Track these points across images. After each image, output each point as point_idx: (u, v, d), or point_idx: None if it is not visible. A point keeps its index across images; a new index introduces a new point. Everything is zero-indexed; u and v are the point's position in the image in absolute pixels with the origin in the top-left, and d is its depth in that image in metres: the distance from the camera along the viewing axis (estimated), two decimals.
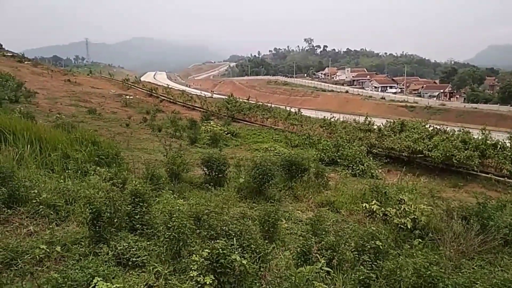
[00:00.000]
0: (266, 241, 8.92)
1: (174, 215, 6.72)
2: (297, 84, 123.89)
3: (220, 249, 5.38)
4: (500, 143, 21.04)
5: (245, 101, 38.28)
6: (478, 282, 6.05)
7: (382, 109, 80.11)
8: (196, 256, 5.44)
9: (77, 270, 5.54)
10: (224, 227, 6.75)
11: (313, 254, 6.31)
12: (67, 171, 10.86)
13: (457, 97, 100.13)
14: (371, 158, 20.98)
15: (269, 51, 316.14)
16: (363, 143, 23.36)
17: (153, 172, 11.42)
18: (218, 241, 5.66)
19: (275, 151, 21.95)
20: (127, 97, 42.38)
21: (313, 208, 12.49)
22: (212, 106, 38.35)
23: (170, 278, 5.71)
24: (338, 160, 20.62)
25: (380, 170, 20.29)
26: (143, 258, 6.72)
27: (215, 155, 13.31)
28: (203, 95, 50.90)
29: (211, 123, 26.26)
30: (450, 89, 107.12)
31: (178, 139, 23.44)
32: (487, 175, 19.91)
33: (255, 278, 5.59)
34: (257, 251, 6.76)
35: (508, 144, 20.90)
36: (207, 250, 5.41)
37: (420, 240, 8.30)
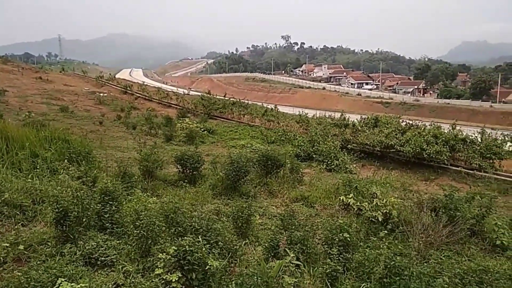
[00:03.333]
0: (239, 237, 9.01)
1: (143, 213, 6.65)
2: (275, 81, 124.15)
3: (187, 246, 5.35)
4: (469, 137, 21.64)
5: (221, 98, 38.12)
6: (442, 272, 6.26)
7: (359, 105, 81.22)
8: (162, 254, 5.39)
9: (40, 271, 5.41)
10: (193, 224, 6.71)
11: (281, 248, 6.34)
12: (35, 170, 10.58)
13: (430, 93, 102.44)
14: (346, 153, 21.24)
15: (247, 48, 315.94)
16: (338, 138, 23.66)
17: (125, 170, 11.26)
18: (185, 238, 5.62)
19: (252, 148, 21.95)
20: (101, 94, 41.53)
21: (287, 203, 12.59)
22: (189, 103, 38.02)
23: (136, 276, 5.64)
24: (314, 156, 20.83)
25: (354, 165, 20.56)
26: (112, 257, 6.64)
27: (189, 152, 13.24)
28: (180, 92, 50.38)
29: (187, 120, 26.04)
30: (424, 85, 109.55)
31: (153, 136, 23.16)
32: (457, 169, 20.50)
33: (223, 274, 5.58)
34: (226, 247, 6.79)
35: (479, 139, 21.51)
36: (173, 247, 5.37)
37: (387, 232, 8.48)
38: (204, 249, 5.53)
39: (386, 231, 8.28)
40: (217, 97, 39.03)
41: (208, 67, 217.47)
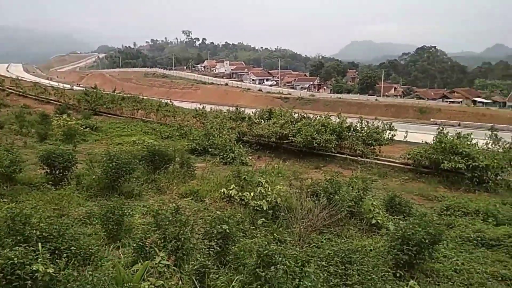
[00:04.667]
0: (110, 240, 8.09)
1: None
2: (177, 77, 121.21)
3: (16, 258, 4.36)
4: (353, 125, 23.18)
5: (109, 92, 35.59)
6: (314, 256, 6.20)
7: (260, 100, 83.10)
8: None
9: None
10: (37, 231, 5.66)
11: (147, 248, 5.67)
12: None
13: (324, 88, 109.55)
14: (242, 145, 21.24)
15: (146, 42, 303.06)
16: (234, 131, 23.60)
17: None
18: (15, 248, 4.62)
19: (144, 144, 20.71)
20: None
21: (176, 199, 11.99)
22: (70, 98, 34.76)
23: None
24: (209, 149, 20.42)
25: (250, 157, 20.67)
26: None
27: (57, 151, 11.72)
28: (61, 87, 45.69)
29: (65, 117, 23.59)
30: (318, 81, 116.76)
31: (24, 136, 20.54)
32: (343, 156, 21.83)
33: (66, 285, 4.70)
34: (82, 253, 5.89)
35: (362, 126, 23.08)
36: None
37: (268, 219, 8.31)
38: (40, 259, 4.58)
39: (264, 219, 8.08)
40: (105, 92, 36.34)
41: (99, 61, 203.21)
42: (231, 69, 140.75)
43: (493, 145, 20.50)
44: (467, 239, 10.28)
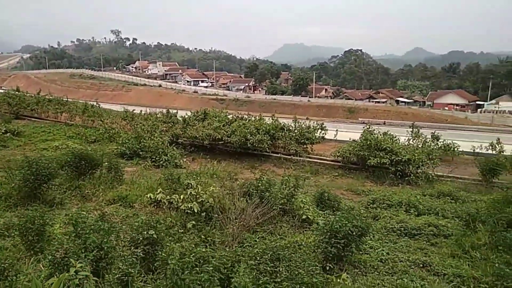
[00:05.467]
0: (31, 253, 7.47)
1: None
2: (106, 78, 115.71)
3: None
4: (287, 125, 23.70)
5: (35, 95, 32.91)
6: (244, 255, 6.13)
7: (196, 102, 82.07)
8: None
9: None
10: None
11: (58, 258, 5.23)
12: None
13: (259, 90, 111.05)
14: (175, 148, 20.71)
15: (71, 41, 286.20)
16: (167, 133, 23.01)
17: None
18: None
19: (68, 149, 19.37)
20: None
21: (102, 206, 11.33)
22: None
23: None
24: (140, 153, 19.64)
25: (184, 159, 20.25)
26: None
27: None
28: None
29: None
30: (253, 82, 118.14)
31: None
32: (277, 155, 22.23)
33: None
34: None
35: (297, 126, 23.67)
36: None
37: (194, 223, 8.13)
38: None
39: (193, 222, 7.88)
40: (29, 94, 33.55)
41: (23, 62, 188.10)
42: (165, 70, 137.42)
43: (414, 141, 22.23)
44: (391, 230, 10.87)
